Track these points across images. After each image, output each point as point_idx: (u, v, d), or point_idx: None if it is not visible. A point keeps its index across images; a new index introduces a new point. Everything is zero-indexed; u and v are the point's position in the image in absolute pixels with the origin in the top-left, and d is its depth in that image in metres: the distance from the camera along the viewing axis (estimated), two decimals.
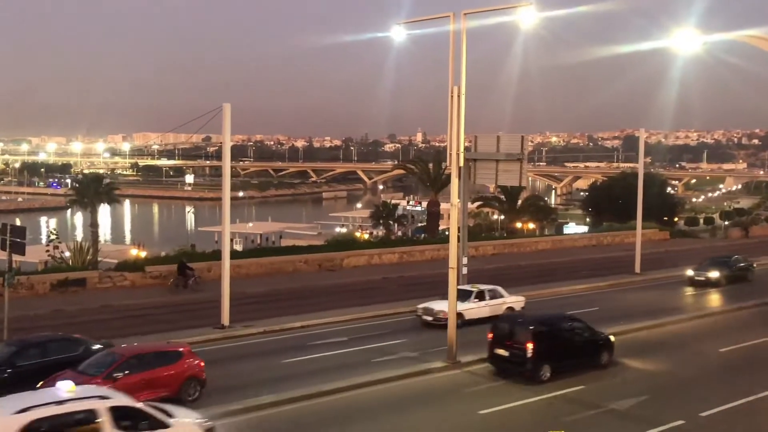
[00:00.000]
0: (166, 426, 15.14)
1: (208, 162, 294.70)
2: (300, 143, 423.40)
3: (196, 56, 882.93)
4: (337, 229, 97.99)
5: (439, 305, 29.80)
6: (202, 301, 34.63)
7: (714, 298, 39.04)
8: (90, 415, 14.28)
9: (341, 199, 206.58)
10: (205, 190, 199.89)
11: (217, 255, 37.60)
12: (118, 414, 14.55)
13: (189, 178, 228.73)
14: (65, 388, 14.93)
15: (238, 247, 72.11)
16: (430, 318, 30.14)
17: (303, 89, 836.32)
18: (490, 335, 23.76)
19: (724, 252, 49.96)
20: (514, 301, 32.35)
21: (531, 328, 22.98)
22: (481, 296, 31.13)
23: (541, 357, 22.41)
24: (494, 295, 31.61)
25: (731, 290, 40.55)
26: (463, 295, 29.93)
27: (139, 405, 15.31)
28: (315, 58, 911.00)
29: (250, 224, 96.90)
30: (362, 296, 36.89)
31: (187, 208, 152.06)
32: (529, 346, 22.28)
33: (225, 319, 29.49)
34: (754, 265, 45.08)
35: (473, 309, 30.41)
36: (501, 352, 23.17)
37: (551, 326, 23.87)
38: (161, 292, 37.52)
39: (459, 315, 28.38)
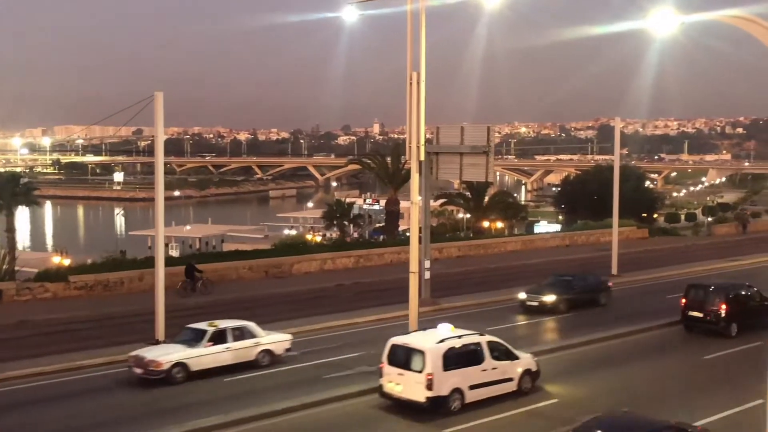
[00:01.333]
0: (518, 357, 22.94)
1: (139, 158, 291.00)
2: (243, 136, 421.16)
3: (124, 40, 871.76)
4: (286, 232, 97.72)
5: (153, 352, 24.93)
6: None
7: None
8: (477, 346, 22.01)
9: (290, 198, 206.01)
10: (136, 189, 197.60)
11: (150, 262, 37.14)
12: (492, 346, 22.37)
13: (118, 176, 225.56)
14: (447, 328, 22.39)
15: (175, 253, 71.42)
16: (140, 370, 24.40)
17: (245, 76, 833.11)
18: (683, 301, 31.58)
19: (717, 252, 48.92)
20: (273, 341, 26.69)
21: (725, 293, 30.92)
22: (219, 338, 25.32)
23: (731, 317, 30.40)
24: (241, 336, 25.89)
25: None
26: (192, 338, 25.35)
27: (503, 341, 23.14)
28: (258, 40, 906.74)
29: (188, 227, 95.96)
30: (314, 305, 36.78)
31: (117, 210, 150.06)
32: (723, 307, 30.39)
33: (160, 333, 29.13)
34: (610, 285, 38.60)
35: (205, 356, 24.79)
36: (695, 314, 31.11)
37: (737, 292, 31.75)
38: (88, 304, 36.92)
39: (180, 366, 24.23)
